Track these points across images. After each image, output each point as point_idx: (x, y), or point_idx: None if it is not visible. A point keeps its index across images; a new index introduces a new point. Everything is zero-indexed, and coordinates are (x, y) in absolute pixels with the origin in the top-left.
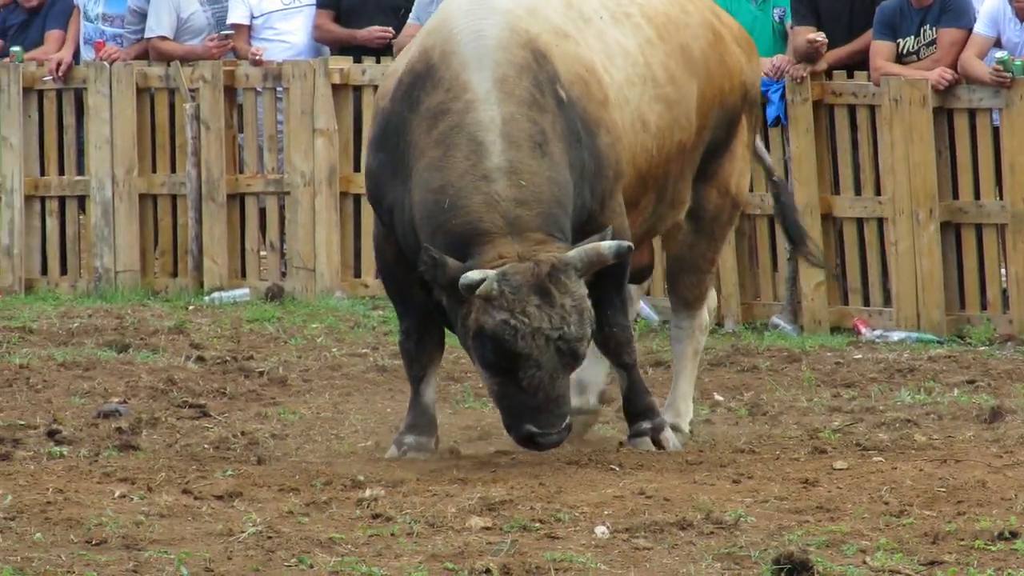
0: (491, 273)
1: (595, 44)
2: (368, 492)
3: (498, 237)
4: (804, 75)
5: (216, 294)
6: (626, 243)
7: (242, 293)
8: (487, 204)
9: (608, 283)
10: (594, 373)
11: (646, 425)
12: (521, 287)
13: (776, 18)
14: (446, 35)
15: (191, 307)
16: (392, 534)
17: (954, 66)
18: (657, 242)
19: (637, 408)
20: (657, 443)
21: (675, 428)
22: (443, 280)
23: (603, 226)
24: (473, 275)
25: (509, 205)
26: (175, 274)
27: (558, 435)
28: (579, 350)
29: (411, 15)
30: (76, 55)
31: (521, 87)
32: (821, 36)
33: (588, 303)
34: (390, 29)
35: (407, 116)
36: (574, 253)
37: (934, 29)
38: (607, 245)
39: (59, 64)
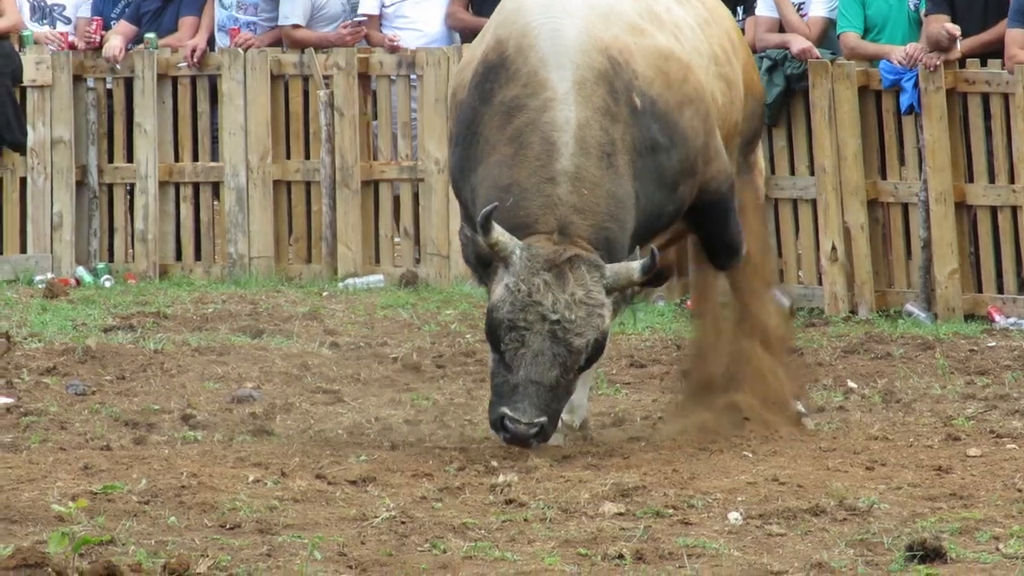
0: (533, 248)
1: (667, 24)
2: (501, 478)
3: (540, 235)
4: (938, 64)
5: (350, 280)
6: (651, 260)
7: (376, 279)
8: (547, 206)
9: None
10: (582, 396)
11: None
12: (538, 259)
13: (911, 6)
14: (522, 28)
15: (325, 293)
16: (525, 519)
17: None
18: None
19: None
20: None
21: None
22: (473, 257)
23: (710, 181)
24: (497, 232)
25: (567, 210)
26: (309, 260)
27: (527, 427)
28: (574, 344)
29: None
30: (210, 42)
31: (597, 94)
32: (956, 29)
33: (603, 312)
34: None
35: (479, 108)
36: (608, 266)
37: None
38: (636, 266)
39: (194, 51)
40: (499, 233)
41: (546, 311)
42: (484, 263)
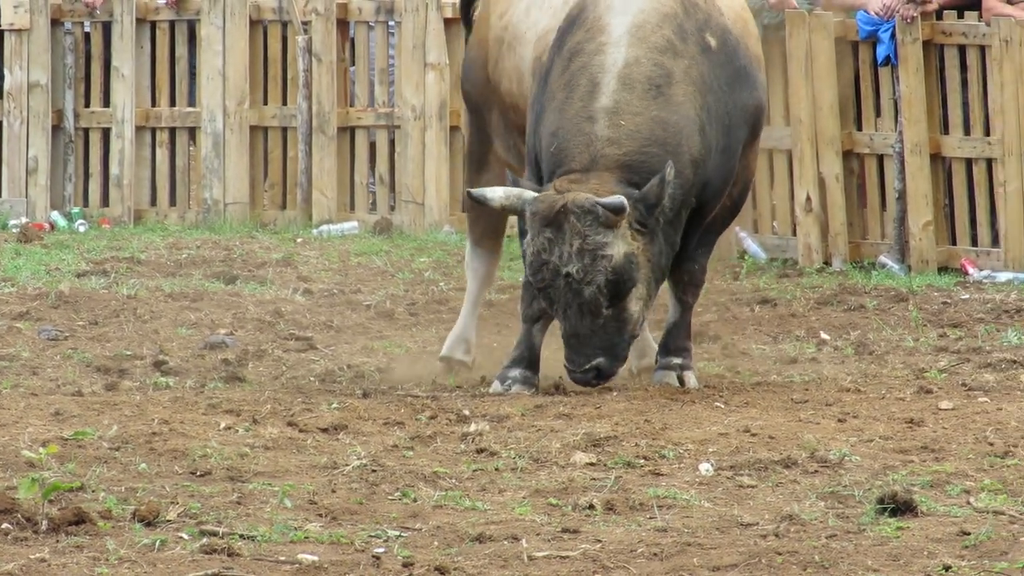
0: (527, 195)
1: None
2: (473, 427)
3: (573, 174)
4: (915, 15)
5: (325, 227)
6: (659, 186)
7: (351, 226)
8: (584, 144)
9: (698, 220)
10: (647, 337)
11: (676, 361)
12: (537, 216)
13: None
14: None
15: (299, 240)
16: (496, 469)
17: None
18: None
19: (676, 345)
20: (681, 380)
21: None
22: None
23: (742, 171)
24: (496, 191)
25: (601, 144)
26: (284, 206)
27: (582, 374)
28: (584, 293)
29: None
30: None
31: (659, 34)
32: None
33: (607, 250)
34: None
35: (553, 59)
36: (605, 200)
37: None
38: (618, 198)
39: None
40: (501, 196)
41: (555, 264)
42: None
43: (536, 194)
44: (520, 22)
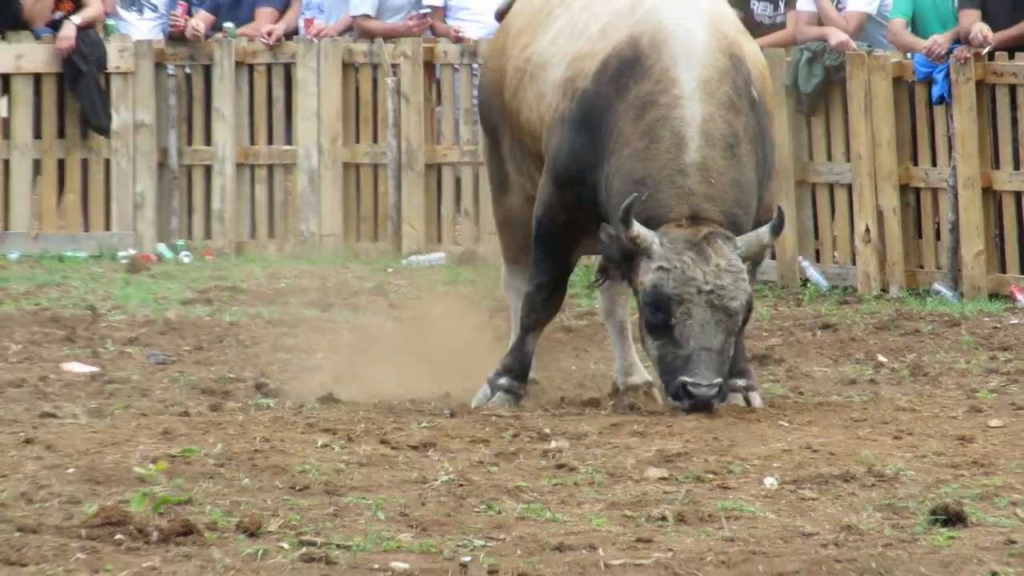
0: (669, 235)
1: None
2: (553, 444)
3: (680, 222)
4: (968, 56)
5: (413, 258)
6: (779, 221)
7: (437, 257)
8: (679, 196)
9: None
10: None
11: (740, 383)
12: (678, 242)
13: None
14: (655, 26)
15: (390, 270)
16: (575, 483)
17: None
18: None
19: (738, 367)
20: (747, 400)
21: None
22: (617, 252)
23: (770, 208)
24: (642, 231)
25: (698, 199)
26: (375, 239)
27: (709, 388)
28: (731, 307)
29: None
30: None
31: (721, 90)
32: (989, 32)
33: (745, 276)
34: None
35: (614, 101)
36: (743, 237)
37: None
38: (765, 231)
39: (271, 33)
40: (638, 226)
41: (700, 284)
42: (627, 257)
43: (664, 232)
44: (545, 51)
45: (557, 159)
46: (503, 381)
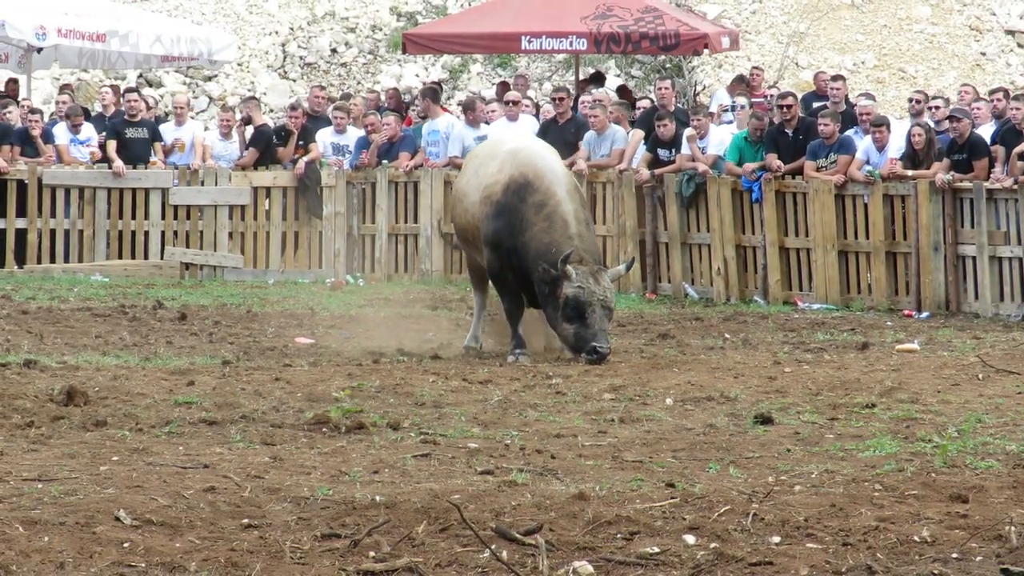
0: (580, 269)
1: None
2: (554, 381)
3: (577, 262)
4: (771, 177)
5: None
6: (630, 263)
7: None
8: (576, 252)
9: None
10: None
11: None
12: (586, 275)
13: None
14: (532, 163)
15: (468, 289)
16: (565, 402)
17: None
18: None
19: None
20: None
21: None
22: (549, 279)
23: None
24: (569, 268)
25: (582, 251)
26: (462, 272)
27: (607, 349)
28: (611, 307)
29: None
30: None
31: (576, 195)
32: (779, 163)
33: (613, 291)
34: None
35: (517, 205)
36: (611, 270)
37: (833, 156)
38: (622, 268)
39: (407, 166)
40: (568, 268)
41: (599, 295)
42: (552, 282)
43: (575, 268)
44: (467, 183)
45: (487, 237)
46: (519, 351)
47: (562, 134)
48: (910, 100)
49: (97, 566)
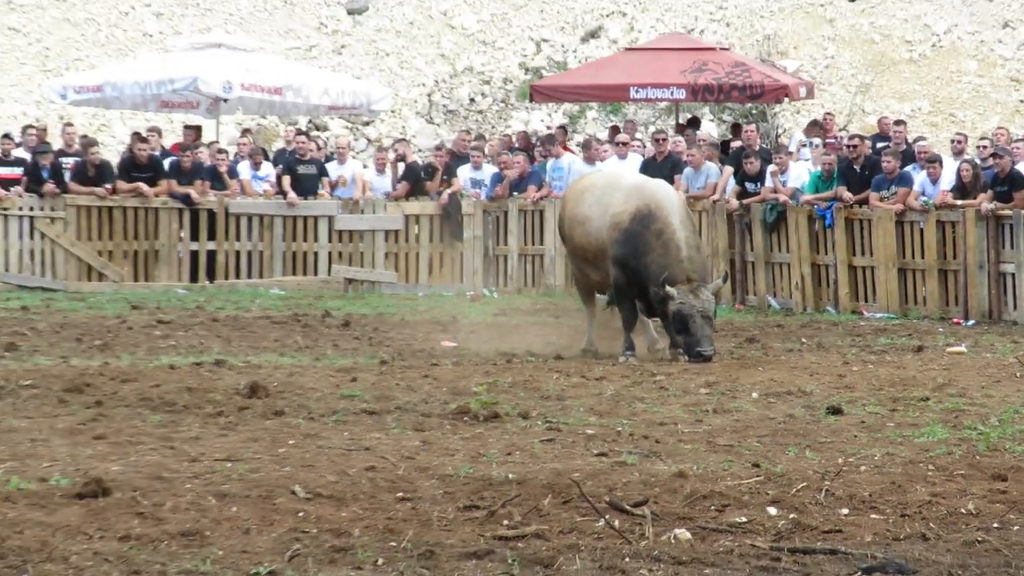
0: (681, 289)
1: None
2: (659, 378)
3: (684, 281)
4: (841, 206)
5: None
6: (725, 277)
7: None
8: (684, 271)
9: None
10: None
11: (679, 349)
12: (687, 292)
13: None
14: (654, 197)
15: None
16: (667, 396)
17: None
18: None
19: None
20: (677, 358)
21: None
22: (659, 299)
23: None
24: (671, 290)
25: (690, 272)
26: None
27: (710, 352)
28: (711, 317)
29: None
30: None
31: (688, 224)
32: (848, 194)
33: (714, 301)
34: None
35: (641, 232)
36: (711, 284)
37: (893, 188)
38: (719, 282)
39: (534, 197)
40: (671, 290)
41: (699, 307)
42: (660, 300)
43: (678, 288)
44: (589, 209)
45: (616, 259)
46: (629, 352)
47: (660, 169)
48: (952, 141)
49: (276, 532)
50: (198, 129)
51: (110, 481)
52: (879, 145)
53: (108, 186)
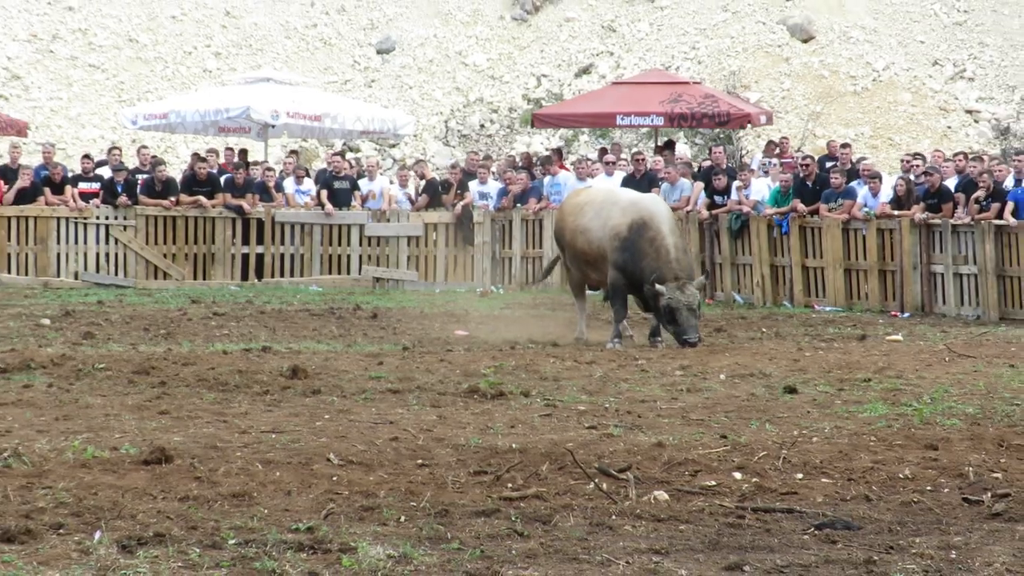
0: (669, 286)
1: None
2: (640, 362)
3: (675, 280)
4: (796, 216)
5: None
6: (705, 276)
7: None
8: (673, 272)
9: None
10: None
11: (658, 339)
12: (674, 288)
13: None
14: (648, 209)
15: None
16: (648, 377)
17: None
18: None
19: (655, 330)
20: (655, 345)
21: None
22: (651, 295)
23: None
24: (660, 287)
25: (678, 272)
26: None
27: (696, 339)
28: (696, 310)
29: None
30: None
31: (677, 231)
32: (802, 206)
33: (699, 296)
34: None
35: (636, 240)
36: (696, 281)
37: (840, 200)
38: (702, 279)
39: (534, 209)
40: (658, 285)
41: (684, 301)
42: (654, 296)
43: (666, 285)
44: (590, 221)
45: (616, 264)
46: (617, 340)
47: (639, 184)
48: (902, 160)
49: (314, 493)
50: (244, 152)
51: (172, 450)
52: (828, 164)
53: (172, 199)
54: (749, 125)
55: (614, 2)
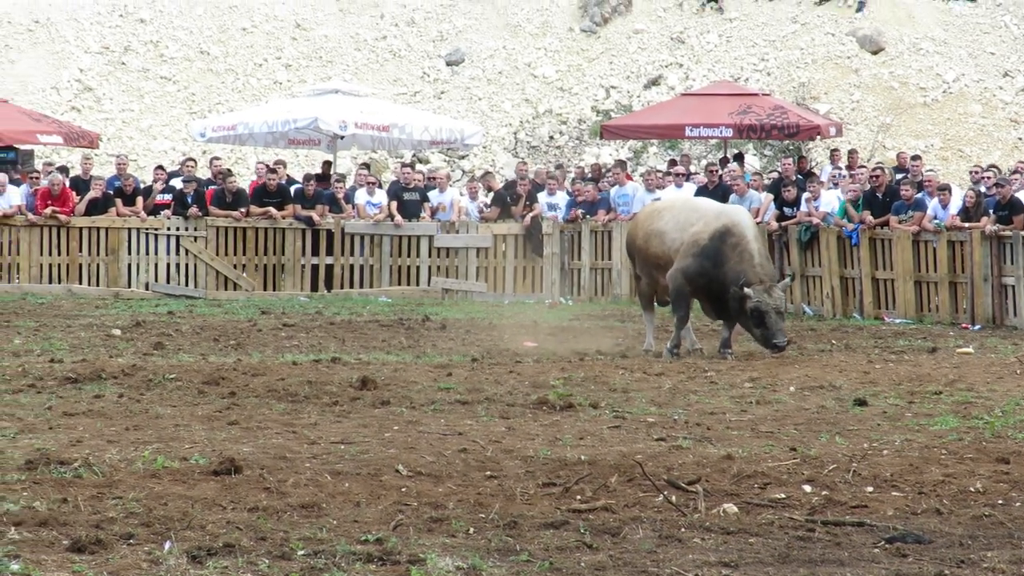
0: (757, 289)
1: None
2: (709, 373)
3: (761, 283)
4: (866, 228)
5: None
6: (791, 278)
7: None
8: (759, 276)
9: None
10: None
11: (727, 350)
12: (761, 291)
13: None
14: (732, 218)
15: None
16: (717, 388)
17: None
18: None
19: (726, 342)
20: (724, 356)
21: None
22: (738, 298)
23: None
24: (748, 290)
25: (762, 276)
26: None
27: (784, 343)
28: (782, 311)
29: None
30: None
31: (759, 238)
32: (871, 218)
33: (784, 299)
34: None
35: (719, 247)
36: (780, 284)
37: (910, 212)
38: (787, 282)
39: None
40: (747, 289)
41: (772, 304)
42: (740, 300)
43: (753, 288)
44: (666, 225)
45: (688, 269)
46: (676, 349)
47: (712, 195)
48: (971, 172)
49: (383, 504)
50: (328, 163)
51: (241, 460)
52: (898, 176)
53: (243, 210)
54: (819, 137)
55: (683, 14)
